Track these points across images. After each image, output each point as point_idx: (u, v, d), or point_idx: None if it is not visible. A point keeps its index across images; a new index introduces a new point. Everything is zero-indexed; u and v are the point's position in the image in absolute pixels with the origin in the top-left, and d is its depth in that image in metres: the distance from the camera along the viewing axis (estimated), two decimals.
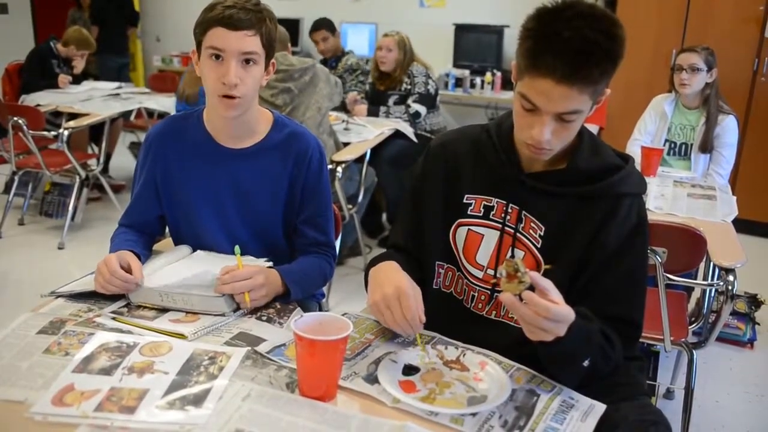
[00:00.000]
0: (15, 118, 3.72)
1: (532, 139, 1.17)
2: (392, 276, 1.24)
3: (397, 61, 4.08)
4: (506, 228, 1.31)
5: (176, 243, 1.66)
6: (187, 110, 1.66)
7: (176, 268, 1.48)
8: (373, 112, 4.03)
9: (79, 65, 4.82)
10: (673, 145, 3.17)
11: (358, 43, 6.16)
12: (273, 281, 1.41)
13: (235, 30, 1.40)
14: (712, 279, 2.27)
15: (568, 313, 1.06)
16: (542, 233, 1.28)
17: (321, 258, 1.63)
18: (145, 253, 1.53)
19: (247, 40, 1.42)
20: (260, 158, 1.57)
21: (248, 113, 1.53)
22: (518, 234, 1.30)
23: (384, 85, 4.18)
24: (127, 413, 0.99)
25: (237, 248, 1.40)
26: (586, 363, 1.14)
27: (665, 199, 2.44)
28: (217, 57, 1.43)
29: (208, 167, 1.56)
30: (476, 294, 1.36)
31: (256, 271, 1.37)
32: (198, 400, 1.03)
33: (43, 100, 4.35)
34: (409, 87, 4.07)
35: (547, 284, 1.07)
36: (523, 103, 1.16)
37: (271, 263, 1.49)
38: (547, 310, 1.03)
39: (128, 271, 1.36)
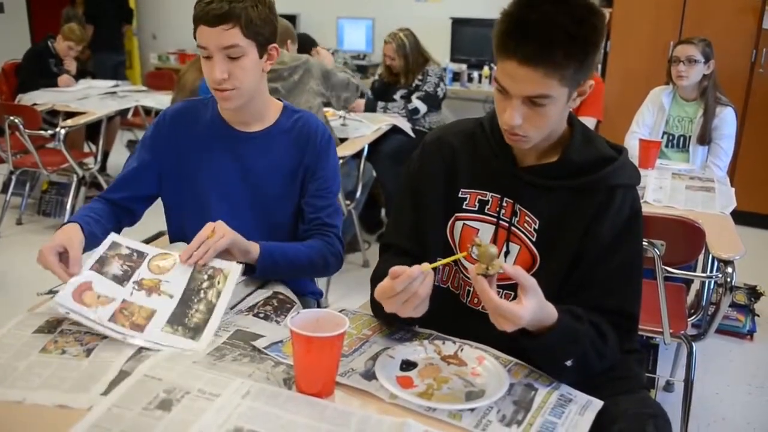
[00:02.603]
0: (12, 118, 3.71)
1: (505, 123, 1.18)
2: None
3: (402, 66, 4.07)
4: (501, 222, 1.31)
5: (176, 227, 1.66)
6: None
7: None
8: (370, 108, 4.02)
9: (70, 66, 4.80)
10: (671, 138, 3.16)
11: (355, 38, 6.16)
12: (238, 236, 1.39)
13: (213, 26, 1.42)
14: (711, 271, 2.28)
15: (520, 315, 1.04)
16: (537, 227, 1.28)
17: (318, 239, 1.59)
18: (108, 228, 1.48)
19: (225, 35, 1.42)
20: (269, 142, 1.59)
21: (255, 101, 1.56)
22: (513, 228, 1.30)
23: (394, 80, 4.16)
24: (138, 330, 1.17)
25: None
26: (569, 363, 1.13)
27: (664, 192, 2.44)
28: (207, 55, 1.45)
29: (219, 148, 1.59)
30: (471, 288, 1.35)
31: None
32: (196, 331, 1.21)
33: (40, 99, 4.34)
34: (419, 83, 4.05)
35: (529, 283, 1.07)
36: (497, 86, 1.18)
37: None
38: (493, 305, 1.04)
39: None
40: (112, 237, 1.36)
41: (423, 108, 3.99)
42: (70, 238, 1.33)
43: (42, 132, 3.85)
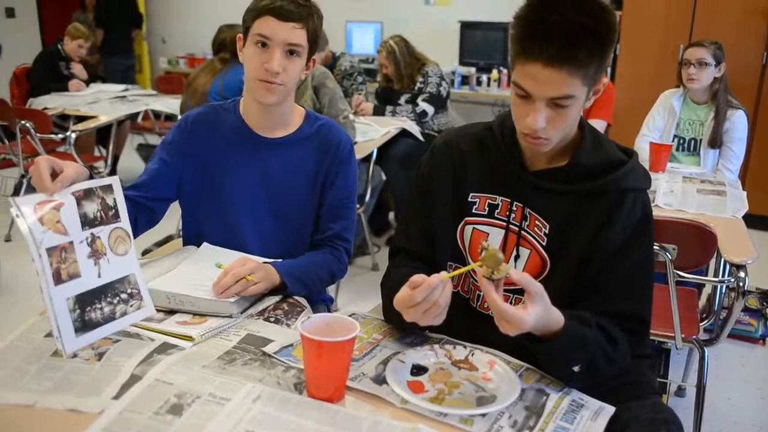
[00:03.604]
0: (23, 122, 3.74)
1: (528, 127, 1.17)
2: None
3: (395, 73, 4.10)
4: (511, 226, 1.30)
5: (192, 231, 1.66)
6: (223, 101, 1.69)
7: (183, 269, 1.48)
8: (379, 111, 4.03)
9: (80, 72, 4.83)
10: (682, 141, 3.15)
11: (363, 42, 6.16)
12: (267, 270, 1.42)
13: (284, 21, 1.45)
14: (723, 275, 2.26)
15: (524, 320, 1.04)
16: (547, 231, 1.27)
17: (327, 252, 1.63)
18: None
19: (294, 32, 1.46)
20: (292, 149, 1.60)
21: (284, 104, 1.57)
22: (523, 232, 1.29)
23: (392, 86, 4.17)
24: (55, 280, 1.13)
25: (220, 263, 1.44)
26: (576, 368, 1.13)
27: (674, 195, 2.42)
28: (264, 45, 1.47)
29: (241, 153, 1.60)
30: (482, 293, 1.35)
31: (246, 259, 1.40)
32: (84, 327, 1.17)
33: (51, 103, 4.37)
34: (421, 86, 4.06)
35: (534, 288, 1.06)
36: (517, 91, 1.17)
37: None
38: (497, 308, 1.05)
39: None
40: (114, 180, 1.28)
41: (430, 110, 4.00)
42: (71, 164, 1.22)
43: (53, 136, 3.88)
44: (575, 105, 1.16)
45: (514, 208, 1.30)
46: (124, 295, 1.25)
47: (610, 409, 1.08)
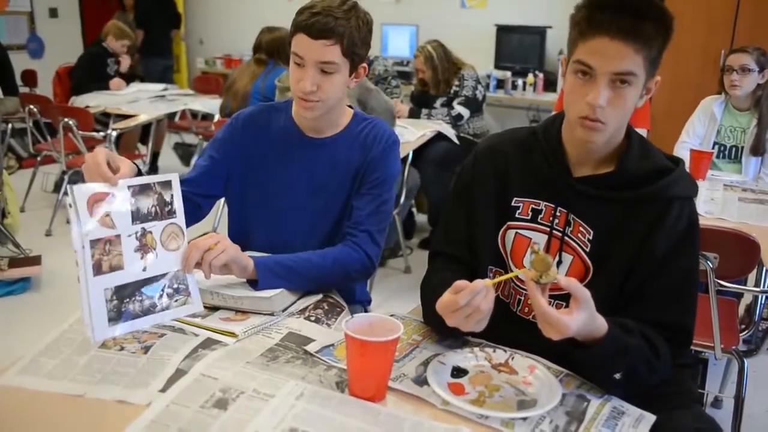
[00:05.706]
0: (65, 119, 3.83)
1: (588, 106, 1.15)
2: None
3: (432, 78, 4.11)
4: (554, 231, 1.30)
5: (239, 229, 1.68)
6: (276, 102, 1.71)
7: None
8: (414, 114, 4.04)
9: (124, 62, 4.93)
10: (722, 148, 3.10)
11: (398, 44, 6.18)
12: (235, 247, 1.37)
13: (315, 38, 1.43)
14: (764, 285, 2.22)
15: (568, 325, 1.04)
16: (591, 237, 1.27)
17: (342, 245, 1.54)
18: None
19: (325, 50, 1.44)
20: (336, 147, 1.61)
21: (332, 112, 1.57)
22: (566, 238, 1.29)
23: (429, 89, 4.18)
24: (95, 270, 1.16)
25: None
26: (617, 376, 1.12)
27: (715, 204, 2.39)
28: (299, 63, 1.47)
29: (290, 153, 1.61)
30: (522, 298, 1.35)
31: (212, 234, 1.36)
32: (119, 317, 1.17)
33: (92, 101, 4.47)
34: (457, 89, 4.06)
35: (582, 294, 1.06)
36: (578, 69, 1.16)
37: None
38: (541, 311, 1.05)
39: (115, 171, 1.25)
40: (174, 177, 1.29)
41: (466, 113, 3.99)
42: (124, 160, 1.27)
43: (94, 134, 3.96)
44: (635, 87, 1.15)
45: (558, 214, 1.29)
46: (169, 290, 1.27)
47: (651, 417, 1.07)
